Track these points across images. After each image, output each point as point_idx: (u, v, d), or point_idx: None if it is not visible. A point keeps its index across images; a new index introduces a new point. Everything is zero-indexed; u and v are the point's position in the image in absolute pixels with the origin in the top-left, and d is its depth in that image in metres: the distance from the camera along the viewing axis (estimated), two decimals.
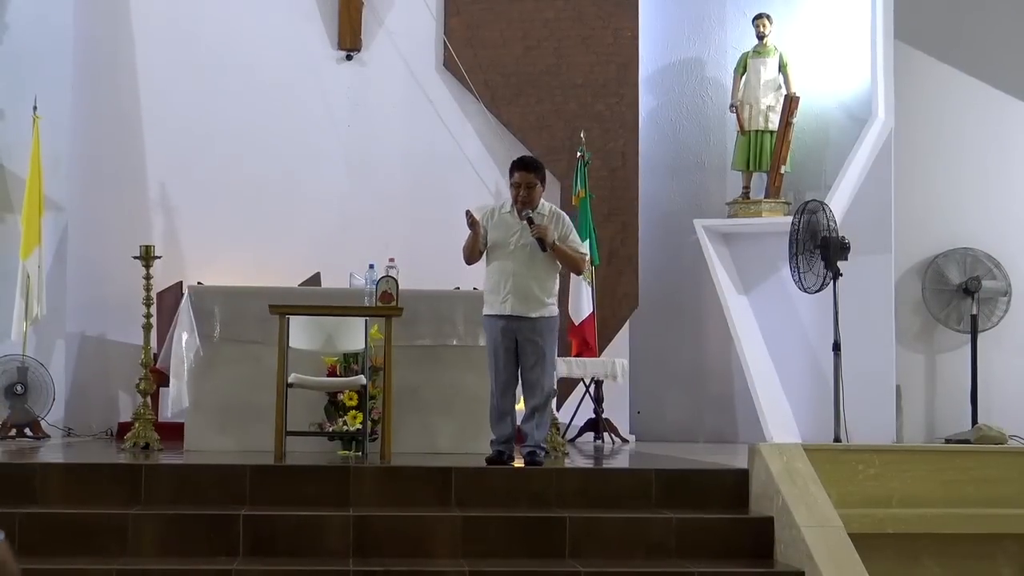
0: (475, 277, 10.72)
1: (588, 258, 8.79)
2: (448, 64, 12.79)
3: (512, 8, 12.79)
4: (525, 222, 8.26)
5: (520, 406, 8.56)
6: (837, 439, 9.64)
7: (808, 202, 10.42)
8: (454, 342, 9.87)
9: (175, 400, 9.67)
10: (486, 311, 8.47)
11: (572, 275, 11.29)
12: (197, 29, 12.41)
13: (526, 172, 8.41)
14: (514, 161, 8.66)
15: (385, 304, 9.12)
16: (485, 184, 12.63)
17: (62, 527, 7.07)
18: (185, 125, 12.26)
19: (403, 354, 9.20)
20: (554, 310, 8.45)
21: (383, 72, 12.76)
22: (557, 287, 8.55)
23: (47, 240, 11.25)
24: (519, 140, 12.57)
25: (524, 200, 8.33)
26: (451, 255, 11.49)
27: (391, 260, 9.60)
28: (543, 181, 8.48)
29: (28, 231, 11.02)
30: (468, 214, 8.44)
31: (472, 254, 8.50)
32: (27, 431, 10.80)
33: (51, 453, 9.59)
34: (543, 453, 8.36)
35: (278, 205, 12.33)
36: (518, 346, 8.35)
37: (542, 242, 8.20)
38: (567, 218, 8.59)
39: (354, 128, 12.69)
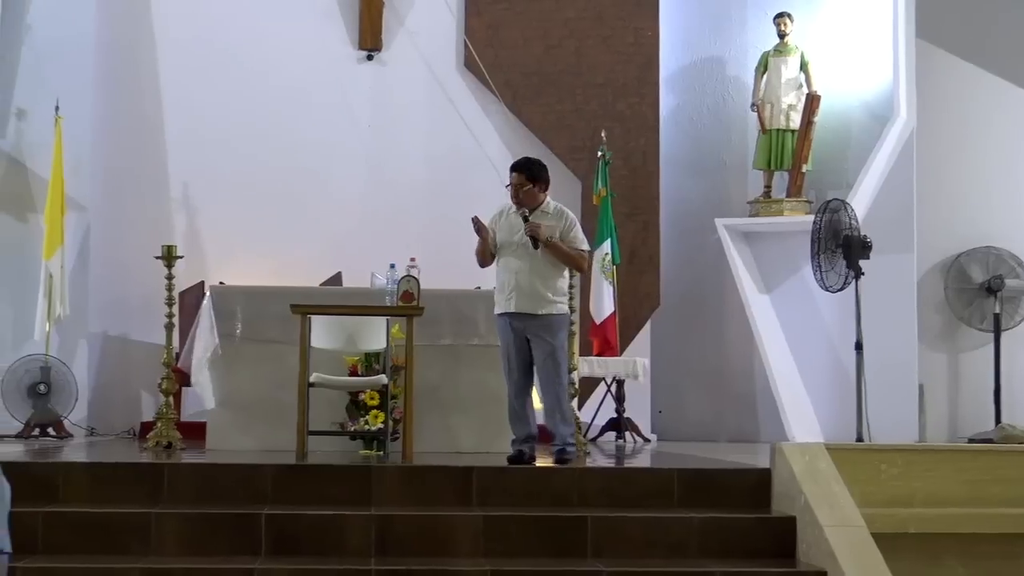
0: (495, 277, 10.76)
1: (587, 254, 8.76)
2: (469, 64, 12.79)
3: (533, 8, 12.77)
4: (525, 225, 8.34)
5: (538, 405, 8.58)
6: (859, 438, 9.61)
7: (830, 201, 10.39)
8: (475, 341, 9.88)
9: (203, 398, 9.73)
10: (496, 310, 8.55)
11: (593, 275, 11.34)
12: (218, 29, 12.42)
13: (516, 173, 8.58)
14: (511, 164, 8.77)
15: (406, 304, 9.13)
16: (505, 183, 12.59)
17: (85, 526, 7.08)
18: (206, 125, 12.28)
19: (424, 353, 9.20)
20: (562, 308, 8.47)
21: (404, 72, 12.76)
22: (565, 285, 8.57)
23: (70, 240, 11.30)
24: (540, 140, 12.56)
25: (516, 200, 8.46)
26: (472, 255, 11.52)
27: (412, 260, 9.62)
28: (536, 181, 8.53)
29: (51, 231, 11.06)
30: (475, 220, 8.51)
31: (484, 257, 8.62)
32: (50, 430, 10.83)
33: (74, 452, 9.62)
34: (573, 449, 8.37)
35: (299, 205, 12.34)
36: (529, 345, 8.36)
37: (535, 240, 8.25)
38: (571, 216, 8.62)
39: (375, 128, 12.70)
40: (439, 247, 11.68)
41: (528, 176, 8.51)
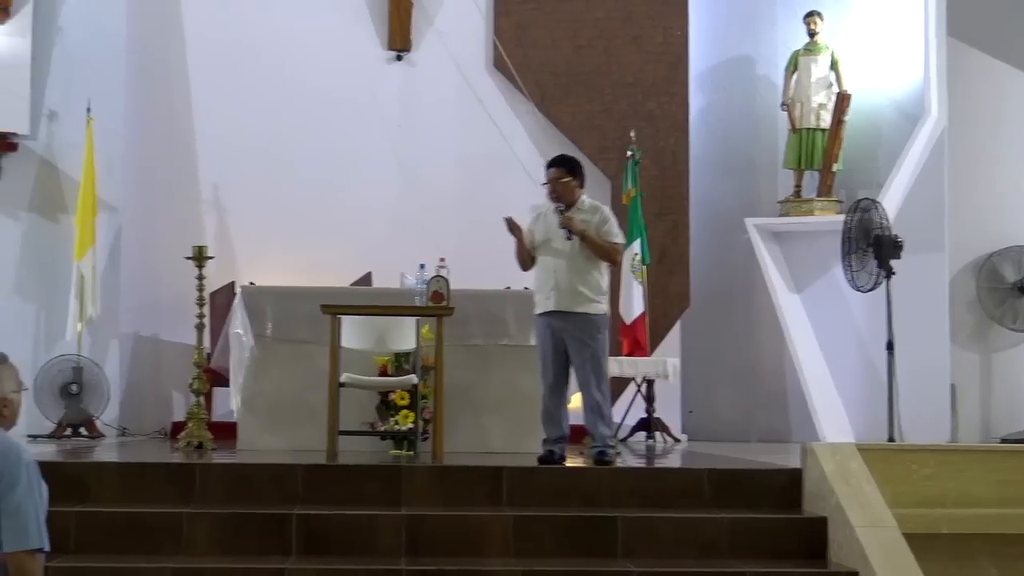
0: (526, 277, 10.74)
1: (621, 247, 8.75)
2: (498, 64, 12.79)
3: (562, 7, 12.77)
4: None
5: (572, 405, 8.57)
6: (891, 439, 9.58)
7: (861, 200, 10.35)
8: (505, 341, 9.88)
9: (236, 399, 9.76)
10: (535, 310, 8.53)
11: (623, 275, 11.33)
12: (248, 30, 12.46)
13: (554, 167, 8.62)
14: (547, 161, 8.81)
15: (436, 304, 9.14)
16: (535, 183, 12.53)
17: (116, 526, 7.12)
18: (237, 126, 12.31)
19: (454, 353, 9.20)
20: (601, 308, 8.45)
21: (433, 72, 12.77)
22: (604, 284, 8.55)
23: (101, 241, 11.34)
24: (569, 140, 12.55)
25: (553, 194, 8.47)
26: (502, 255, 11.48)
27: (442, 260, 9.63)
28: (575, 175, 8.57)
29: (82, 232, 11.10)
30: (508, 220, 8.52)
31: (523, 260, 8.63)
32: (82, 430, 10.87)
33: (106, 452, 9.67)
34: (612, 451, 8.37)
35: (329, 205, 12.35)
36: (567, 346, 8.35)
37: (569, 231, 8.26)
38: (606, 211, 8.64)
39: (404, 128, 12.72)
40: (469, 247, 11.68)
41: (567, 169, 8.56)
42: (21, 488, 4.30)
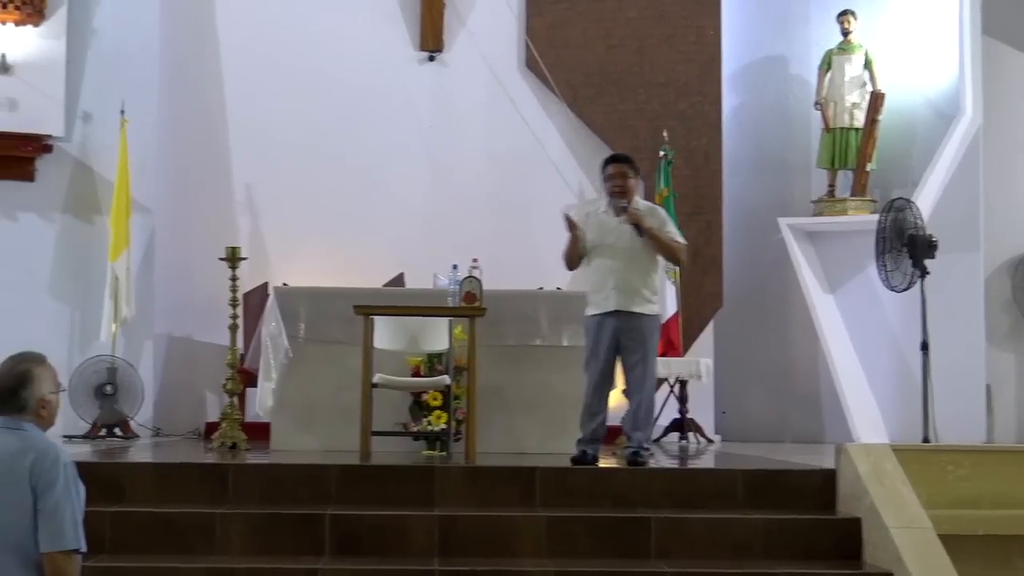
0: (559, 277, 10.75)
1: (685, 247, 8.69)
2: (530, 64, 12.79)
3: (594, 7, 12.76)
4: (622, 217, 8.28)
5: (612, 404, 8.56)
6: (926, 439, 9.50)
7: (895, 200, 10.28)
8: (538, 342, 9.88)
9: (264, 400, 9.75)
10: (588, 311, 8.46)
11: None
12: (281, 31, 12.49)
13: (619, 163, 8.53)
14: (606, 158, 8.79)
15: (469, 304, 9.14)
16: (568, 184, 12.62)
17: (151, 526, 7.14)
18: (269, 127, 12.35)
19: (487, 354, 9.20)
20: (657, 309, 8.47)
21: (465, 73, 12.78)
22: (659, 284, 8.55)
23: (135, 242, 11.38)
24: (602, 140, 12.54)
25: (619, 190, 8.38)
26: (534, 255, 11.54)
27: (474, 260, 9.62)
28: (636, 173, 8.54)
29: (116, 233, 11.15)
30: (567, 218, 8.45)
31: (573, 258, 8.53)
32: (117, 431, 10.91)
33: (140, 453, 9.70)
34: (647, 453, 8.35)
35: (362, 206, 12.38)
36: (620, 346, 8.33)
37: (638, 228, 8.22)
38: (663, 212, 8.68)
39: (436, 129, 12.73)
40: (501, 247, 11.70)
41: (630, 167, 8.53)
42: (58, 489, 4.32)
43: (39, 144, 11.43)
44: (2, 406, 4.47)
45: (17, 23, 11.29)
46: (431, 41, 12.73)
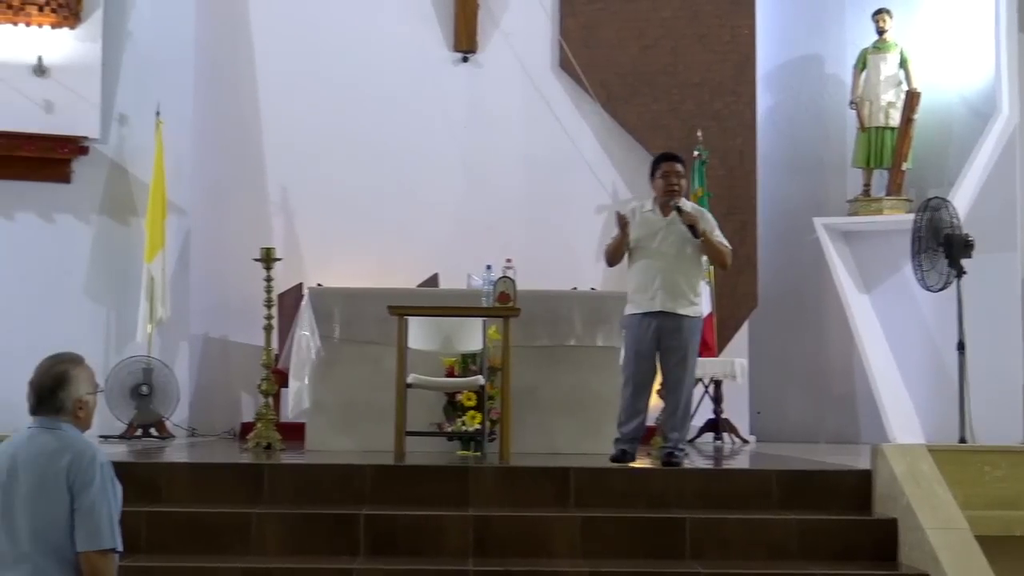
0: (593, 277, 10.75)
1: (731, 251, 8.66)
2: (564, 65, 12.78)
3: (628, 7, 12.75)
4: (672, 216, 8.29)
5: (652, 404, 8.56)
6: (963, 440, 9.46)
7: (931, 199, 10.23)
8: (572, 342, 9.87)
9: (295, 401, 9.77)
10: (630, 310, 8.44)
11: None
12: (315, 33, 12.53)
13: (673, 162, 8.50)
14: (659, 155, 8.73)
15: (503, 305, 9.14)
16: (602, 184, 12.61)
17: (187, 526, 7.17)
18: (304, 128, 12.39)
19: (521, 354, 9.20)
20: (700, 311, 8.46)
21: (499, 73, 12.79)
22: (702, 288, 8.53)
23: (171, 243, 11.44)
24: (636, 140, 12.53)
25: (673, 189, 8.35)
26: (569, 255, 11.56)
27: (508, 261, 9.62)
28: (688, 173, 8.50)
29: (152, 235, 11.20)
30: (619, 216, 8.42)
31: (616, 255, 8.49)
32: (152, 431, 10.95)
33: (176, 453, 9.73)
34: (682, 454, 8.34)
35: (396, 207, 12.40)
36: (661, 347, 8.31)
37: (693, 229, 8.21)
38: (710, 216, 8.61)
39: (470, 130, 12.74)
40: (535, 248, 11.71)
41: (684, 166, 8.54)
42: (95, 488, 4.34)
43: (75, 146, 11.49)
44: (40, 407, 4.50)
45: (53, 26, 11.37)
46: (465, 42, 12.75)
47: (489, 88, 12.79)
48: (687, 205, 8.44)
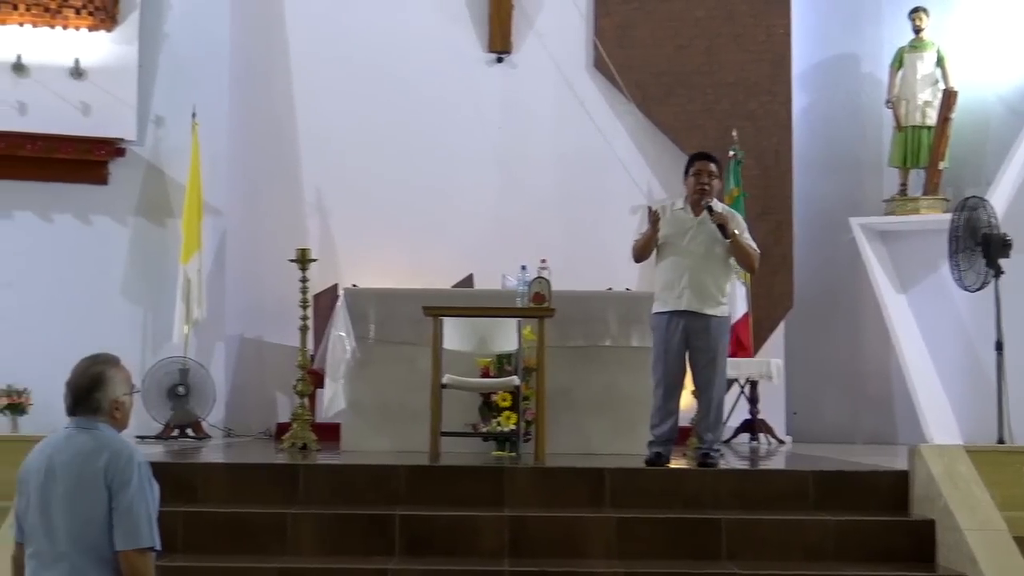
0: (627, 278, 10.73)
1: (759, 254, 8.62)
2: (599, 65, 12.77)
3: (663, 7, 12.73)
4: (702, 215, 8.27)
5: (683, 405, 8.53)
6: (1000, 440, 9.41)
7: (968, 198, 10.18)
8: (607, 343, 9.86)
9: (332, 401, 9.78)
10: (657, 308, 8.41)
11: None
12: (349, 34, 12.56)
13: (706, 161, 8.46)
14: (693, 154, 8.70)
15: (538, 305, 9.13)
16: (636, 184, 12.59)
17: (223, 526, 7.19)
18: (338, 129, 12.42)
19: (556, 355, 9.20)
20: (727, 311, 8.45)
21: (533, 74, 12.79)
22: (730, 289, 8.51)
23: (207, 244, 11.48)
24: (671, 140, 12.51)
25: (704, 188, 8.32)
26: (603, 256, 11.54)
27: (543, 261, 9.61)
28: (720, 174, 8.49)
29: (188, 236, 11.25)
30: (651, 210, 8.42)
31: (644, 251, 8.44)
32: (189, 432, 11.00)
33: (212, 453, 9.77)
34: (718, 454, 8.31)
35: (431, 207, 12.41)
36: (689, 346, 8.30)
37: (723, 229, 8.18)
38: (740, 218, 8.58)
39: (505, 130, 12.75)
40: (569, 248, 11.72)
41: (717, 166, 8.50)
42: (133, 488, 4.35)
43: (112, 148, 11.55)
44: (77, 407, 4.52)
45: (90, 28, 11.43)
46: (499, 43, 12.76)
47: (523, 88, 12.79)
48: (718, 206, 8.43)
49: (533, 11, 12.85)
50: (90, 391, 4.51)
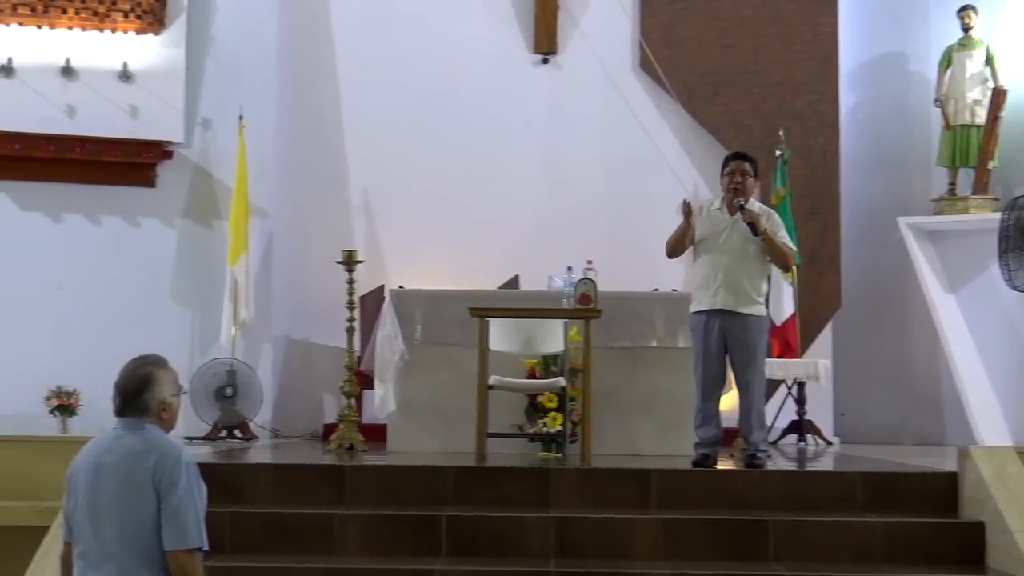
0: (674, 278, 10.69)
1: (795, 253, 8.59)
2: (644, 65, 12.75)
3: (709, 7, 12.69)
4: (736, 215, 8.25)
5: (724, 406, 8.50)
6: None
7: (1018, 197, 10.10)
8: (653, 343, 9.84)
9: (382, 403, 9.80)
10: (694, 308, 8.41)
11: (773, 276, 11.20)
12: (395, 36, 12.59)
13: (740, 160, 8.48)
14: (728, 154, 8.74)
15: (584, 306, 9.12)
16: (683, 184, 12.55)
17: (270, 526, 7.23)
18: (385, 131, 12.45)
19: (602, 356, 9.18)
20: (764, 310, 8.41)
21: (579, 74, 12.78)
22: (767, 288, 8.48)
23: (254, 246, 11.52)
24: (717, 140, 12.47)
25: (737, 187, 8.31)
26: (649, 256, 11.45)
27: (589, 262, 9.61)
28: (756, 174, 8.49)
29: (235, 237, 11.30)
30: (685, 203, 8.42)
31: (677, 246, 8.45)
32: (236, 432, 11.05)
33: (259, 454, 9.80)
34: (764, 455, 8.28)
35: (477, 208, 12.42)
36: (727, 346, 8.26)
37: (754, 227, 8.16)
38: (777, 217, 8.58)
39: (551, 131, 12.74)
40: (616, 249, 11.68)
41: (752, 165, 8.49)
42: (181, 488, 4.38)
43: (160, 150, 11.61)
44: (125, 408, 4.55)
45: (138, 32, 11.49)
46: (545, 43, 12.75)
47: (569, 89, 12.78)
48: (755, 205, 8.42)
49: (578, 11, 12.84)
50: (138, 392, 4.54)
